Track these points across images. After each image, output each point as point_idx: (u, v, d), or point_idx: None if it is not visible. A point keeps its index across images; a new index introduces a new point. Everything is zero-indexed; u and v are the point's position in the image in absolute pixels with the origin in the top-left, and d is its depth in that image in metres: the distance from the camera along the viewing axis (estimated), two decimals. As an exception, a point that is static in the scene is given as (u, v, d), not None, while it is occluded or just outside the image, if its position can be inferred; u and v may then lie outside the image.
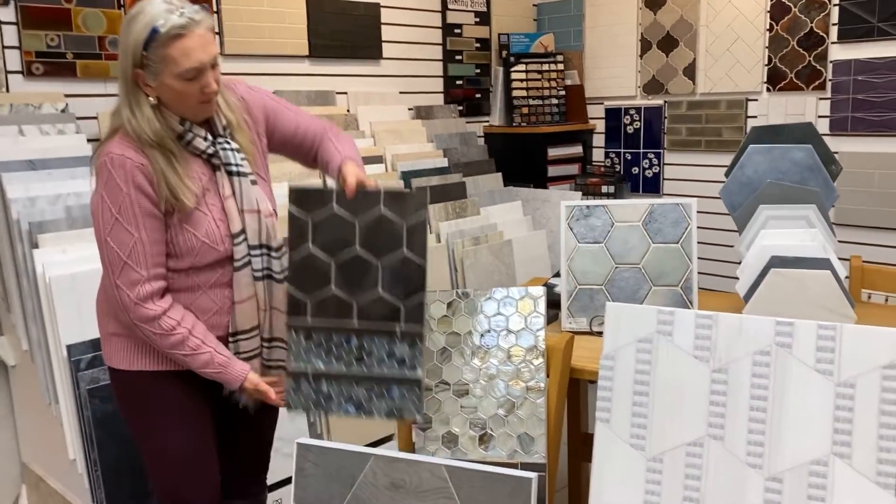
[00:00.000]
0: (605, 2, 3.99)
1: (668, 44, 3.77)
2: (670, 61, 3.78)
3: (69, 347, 2.16)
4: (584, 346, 1.80)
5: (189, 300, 1.63)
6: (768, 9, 3.42)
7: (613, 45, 3.99)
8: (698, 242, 1.93)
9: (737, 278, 1.94)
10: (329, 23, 3.31)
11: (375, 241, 1.64)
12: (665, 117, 3.84)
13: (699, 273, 1.95)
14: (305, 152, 1.84)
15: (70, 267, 2.21)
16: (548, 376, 1.69)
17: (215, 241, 1.61)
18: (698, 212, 1.92)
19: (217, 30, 2.98)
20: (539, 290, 1.74)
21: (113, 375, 1.70)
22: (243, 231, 1.64)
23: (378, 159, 3.27)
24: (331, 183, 1.75)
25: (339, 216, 1.65)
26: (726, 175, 2.09)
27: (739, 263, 1.96)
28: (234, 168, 1.63)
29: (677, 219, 1.91)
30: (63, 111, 2.56)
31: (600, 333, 1.92)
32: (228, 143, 1.64)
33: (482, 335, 1.74)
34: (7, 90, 2.49)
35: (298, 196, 1.66)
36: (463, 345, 1.75)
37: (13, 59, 2.50)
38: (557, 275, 2.43)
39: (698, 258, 1.93)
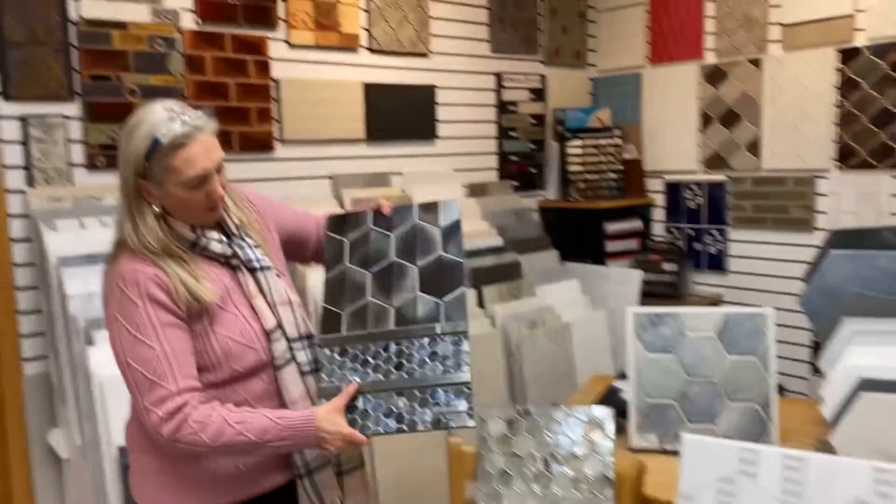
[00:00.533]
0: (664, 77, 3.93)
1: (731, 118, 3.67)
2: (733, 136, 3.67)
3: (120, 449, 2.13)
4: (656, 469, 1.68)
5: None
6: (838, 84, 3.30)
7: (673, 119, 3.91)
8: (776, 353, 1.80)
9: (808, 375, 1.81)
10: (385, 106, 3.32)
11: (411, 247, 1.64)
12: (729, 193, 3.72)
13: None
14: (306, 243, 1.79)
15: (124, 365, 2.19)
16: (617, 506, 1.58)
17: (251, 340, 1.53)
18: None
19: (277, 117, 3.00)
20: (606, 413, 1.63)
21: None
22: (279, 326, 1.57)
23: (433, 241, 3.22)
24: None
25: (376, 233, 1.67)
26: (805, 279, 1.97)
27: (816, 368, 1.82)
28: (255, 264, 1.58)
29: (753, 329, 1.80)
30: (123, 202, 2.59)
31: (673, 453, 1.80)
32: (244, 240, 1.59)
33: (545, 459, 1.64)
34: (71, 184, 2.53)
35: (335, 222, 1.70)
36: (524, 468, 1.64)
37: (77, 153, 2.55)
38: (623, 376, 2.31)
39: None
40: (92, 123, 2.55)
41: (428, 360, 1.54)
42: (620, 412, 1.93)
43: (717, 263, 3.81)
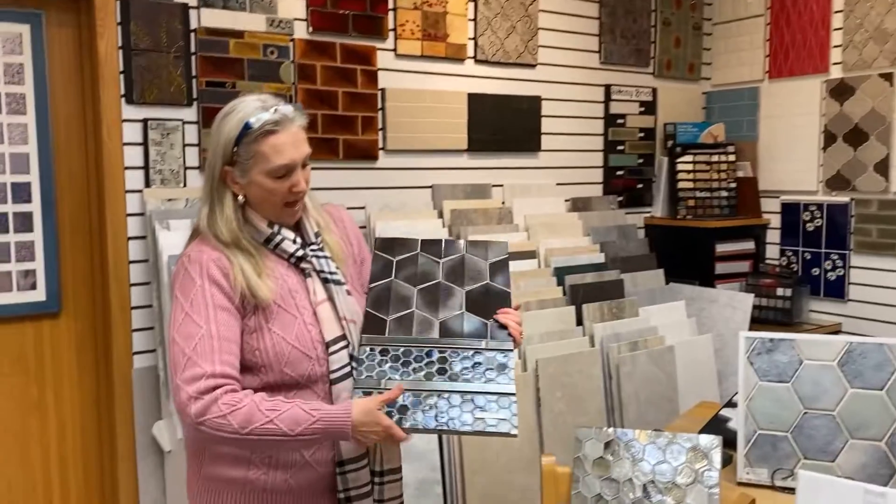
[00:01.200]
0: (784, 91, 3.72)
1: (857, 137, 3.44)
2: (858, 156, 3.43)
3: (218, 445, 2.17)
4: (766, 507, 1.55)
5: None
6: (981, 101, 3.04)
7: (792, 136, 3.70)
8: None
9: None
10: (489, 117, 3.30)
11: (459, 274, 1.66)
12: (852, 216, 3.47)
13: None
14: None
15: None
16: (721, 543, 1.47)
17: (307, 347, 1.48)
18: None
19: (381, 126, 3.03)
20: (713, 441, 1.53)
21: None
22: (344, 337, 1.53)
23: (531, 254, 3.17)
24: None
25: (424, 258, 1.68)
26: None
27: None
28: (328, 276, 1.56)
29: (881, 361, 1.64)
30: (232, 205, 2.67)
31: (785, 489, 1.67)
32: (322, 250, 1.58)
33: (644, 486, 1.55)
34: (184, 185, 2.63)
35: (384, 244, 1.70)
36: (622, 495, 1.56)
37: (192, 156, 2.64)
38: (730, 404, 2.18)
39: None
40: (206, 128, 2.65)
41: (471, 368, 1.52)
42: (728, 443, 1.81)
43: (836, 290, 3.56)
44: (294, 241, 1.55)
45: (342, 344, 1.53)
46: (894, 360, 1.64)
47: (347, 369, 1.52)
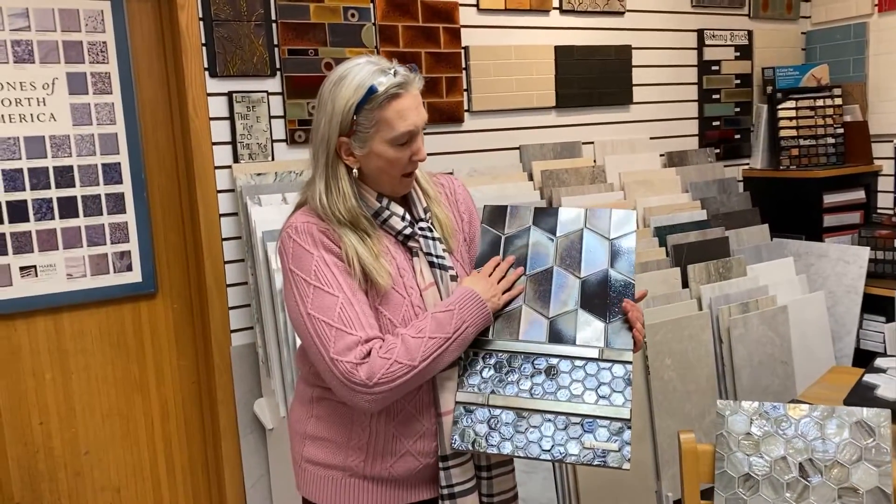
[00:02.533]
0: (895, 24, 3.42)
1: (985, 69, 3.13)
2: None
3: (325, 424, 2.12)
4: (940, 485, 1.40)
5: (388, 418, 1.41)
6: None
7: (907, 73, 3.40)
8: None
9: None
10: (577, 71, 3.12)
11: (575, 256, 1.46)
12: (979, 157, 3.18)
13: None
14: None
15: (327, 339, 2.18)
16: (896, 527, 1.33)
17: None
18: None
19: (465, 86, 2.89)
20: (881, 415, 1.38)
21: None
22: None
23: (629, 214, 3.00)
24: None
25: (536, 232, 1.49)
26: None
27: None
28: (435, 260, 1.46)
29: None
30: (321, 177, 2.59)
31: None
32: (431, 230, 1.47)
33: (801, 465, 1.41)
34: (272, 158, 2.56)
35: (492, 213, 1.53)
36: (774, 474, 1.42)
37: (278, 128, 2.57)
38: (874, 368, 2.00)
39: None
40: (291, 99, 2.56)
41: (582, 383, 1.36)
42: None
43: (961, 239, 3.28)
44: (403, 218, 1.45)
45: None
46: None
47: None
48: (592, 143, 3.22)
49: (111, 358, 2.54)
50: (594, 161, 3.20)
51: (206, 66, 2.44)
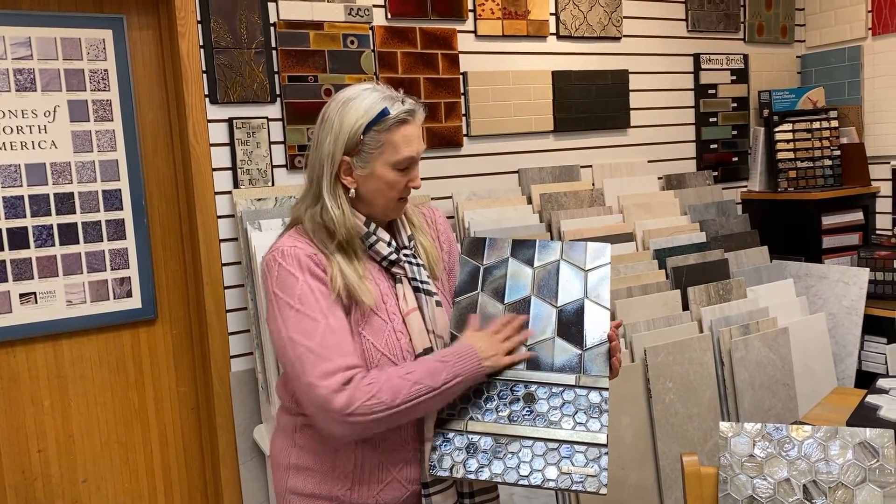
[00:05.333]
0: (889, 47, 3.45)
1: (979, 91, 3.15)
2: (982, 111, 3.15)
3: (325, 450, 2.11)
4: (945, 507, 1.38)
5: (374, 446, 1.41)
6: None
7: (902, 95, 3.42)
8: None
9: None
10: (575, 95, 3.14)
11: (552, 285, 1.48)
12: (976, 178, 3.20)
13: None
14: None
15: (327, 364, 2.18)
16: (902, 549, 1.31)
17: (395, 356, 1.40)
18: None
19: (464, 111, 2.91)
20: (884, 435, 1.37)
21: None
22: (432, 350, 1.43)
23: (628, 237, 3.01)
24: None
25: (514, 263, 1.52)
26: None
27: None
28: (420, 285, 1.47)
29: None
30: (320, 202, 2.60)
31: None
32: (415, 257, 1.49)
33: (805, 487, 1.40)
34: (272, 184, 2.57)
35: (472, 245, 1.55)
36: (778, 496, 1.41)
37: (278, 154, 2.58)
38: (876, 389, 2.00)
39: None
40: (291, 125, 2.58)
41: (559, 409, 1.37)
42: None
43: (960, 260, 3.28)
44: (389, 244, 1.46)
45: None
46: None
47: None
48: (591, 166, 3.24)
49: (110, 385, 2.53)
50: (593, 184, 3.21)
51: (206, 92, 2.46)
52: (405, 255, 1.48)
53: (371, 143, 1.38)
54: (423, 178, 2.81)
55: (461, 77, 2.89)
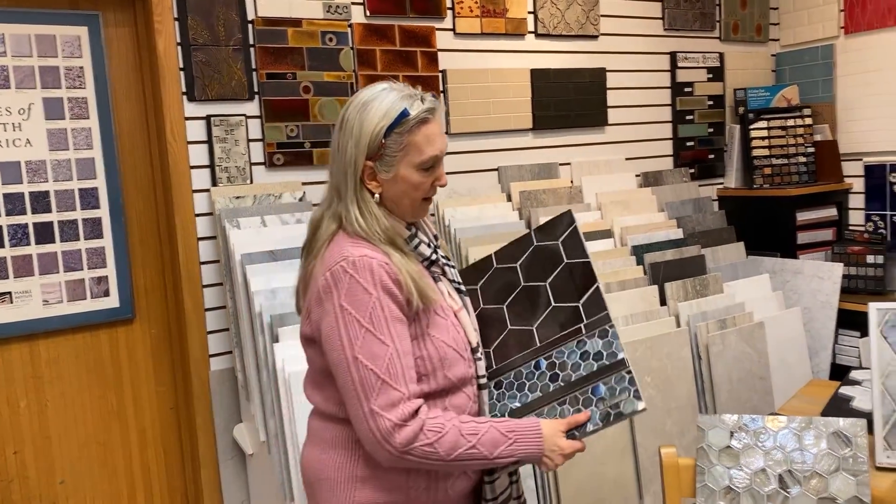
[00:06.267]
0: (861, 45, 3.51)
1: (948, 89, 3.21)
2: (951, 109, 3.21)
3: (306, 447, 2.11)
4: (916, 494, 1.41)
5: None
6: None
7: (873, 93, 3.48)
8: None
9: None
10: (553, 93, 3.16)
11: (537, 269, 1.59)
12: (946, 174, 3.26)
13: None
14: None
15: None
16: (874, 536, 1.34)
17: (462, 348, 1.42)
18: None
19: (444, 110, 2.92)
20: (857, 424, 1.39)
21: None
22: (479, 346, 1.48)
23: (606, 234, 3.03)
24: None
25: (501, 270, 1.62)
26: None
27: None
28: (458, 285, 1.51)
29: None
30: (301, 199, 2.60)
31: (935, 475, 1.53)
32: (446, 257, 1.50)
33: (780, 476, 1.42)
34: (251, 181, 2.56)
35: (465, 275, 1.64)
36: (754, 486, 1.44)
37: (256, 152, 2.57)
38: (849, 381, 2.03)
39: None
40: (269, 122, 2.57)
41: (580, 360, 1.47)
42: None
43: (931, 255, 3.35)
44: (428, 245, 1.46)
45: (479, 354, 1.48)
46: None
47: (486, 378, 1.49)
48: (570, 164, 3.26)
49: (88, 385, 2.51)
50: (571, 182, 3.23)
51: (184, 90, 2.45)
52: (441, 256, 1.49)
53: (393, 146, 1.34)
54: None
55: (440, 75, 2.90)
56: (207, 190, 2.50)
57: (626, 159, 3.41)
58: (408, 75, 2.81)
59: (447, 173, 2.89)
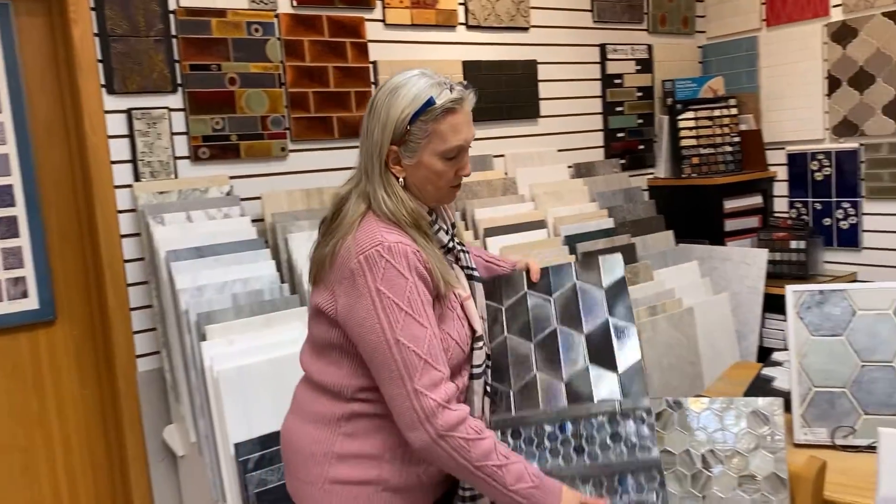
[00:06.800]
0: (783, 38, 3.62)
1: (862, 80, 3.34)
2: (865, 99, 3.34)
3: (237, 446, 2.06)
4: (831, 467, 1.46)
5: None
6: None
7: (794, 84, 3.60)
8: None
9: None
10: (485, 85, 3.17)
11: (574, 312, 1.47)
12: (862, 161, 3.39)
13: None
14: None
15: (237, 359, 2.13)
16: (792, 511, 1.38)
17: (463, 342, 1.42)
18: None
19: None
20: (774, 403, 1.43)
21: None
22: (482, 336, 1.46)
23: (539, 224, 3.06)
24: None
25: (533, 297, 1.51)
26: None
27: None
28: (473, 273, 1.49)
29: (940, 306, 1.55)
30: (228, 194, 2.54)
31: (846, 448, 1.59)
32: (461, 243, 1.49)
33: (703, 456, 1.46)
34: (175, 176, 2.49)
35: (487, 287, 1.53)
36: (679, 467, 1.46)
37: (181, 145, 2.51)
38: (771, 363, 2.09)
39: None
40: (194, 115, 2.50)
41: (610, 441, 1.37)
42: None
43: (849, 239, 3.48)
44: (447, 232, 1.45)
45: (481, 343, 1.45)
46: (954, 303, 1.55)
47: (484, 367, 1.45)
48: (503, 155, 3.27)
49: (7, 390, 2.40)
50: (505, 173, 3.25)
51: (103, 82, 2.36)
52: (458, 243, 1.48)
53: (418, 133, 1.34)
54: (336, 169, 2.80)
55: (371, 66, 2.87)
56: (130, 185, 2.42)
57: (559, 150, 3.44)
58: (338, 66, 2.78)
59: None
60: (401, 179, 1.39)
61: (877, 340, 1.58)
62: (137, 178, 2.42)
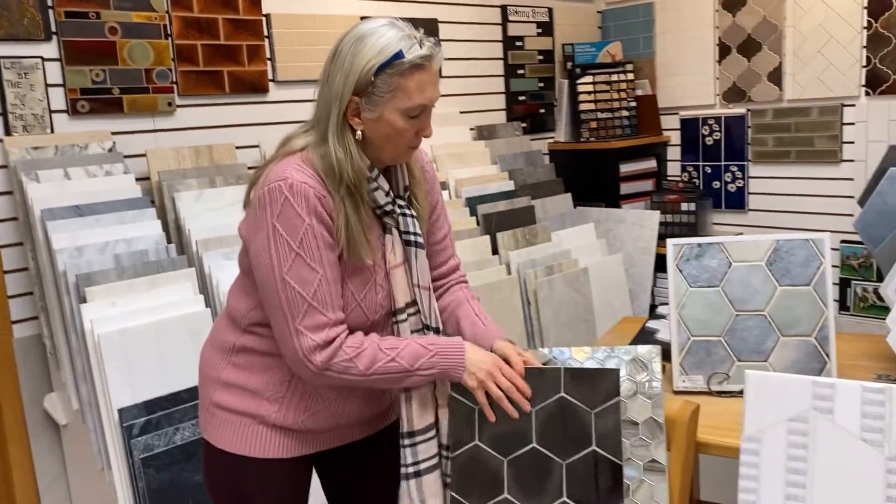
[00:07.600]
0: (677, 5, 3.71)
1: (750, 47, 3.47)
2: (753, 66, 3.47)
3: (121, 412, 1.99)
4: (706, 412, 1.53)
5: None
6: (866, 4, 3.10)
7: (688, 50, 3.70)
8: (832, 283, 1.64)
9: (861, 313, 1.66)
10: (385, 42, 3.11)
11: (556, 432, 1.36)
12: (749, 127, 3.53)
13: (833, 318, 1.67)
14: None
15: (119, 322, 2.04)
16: (668, 451, 1.44)
17: (370, 308, 1.39)
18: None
19: (269, 55, 2.80)
20: (652, 351, 1.48)
21: (210, 452, 1.45)
22: (414, 303, 1.43)
23: (441, 186, 3.05)
24: None
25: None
26: (860, 203, 1.80)
27: (844, 307, 1.67)
28: (412, 238, 1.42)
29: (807, 257, 1.64)
30: (111, 150, 2.41)
31: (721, 394, 1.66)
32: (409, 209, 1.43)
33: (586, 404, 1.49)
34: (52, 131, 2.34)
35: (460, 387, 1.40)
36: (564, 415, 1.49)
37: (57, 98, 2.35)
38: (655, 316, 2.17)
39: (832, 301, 1.65)
40: (70, 66, 2.35)
41: None
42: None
43: (736, 201, 3.64)
44: (387, 194, 1.38)
45: (412, 310, 1.43)
46: (820, 254, 1.63)
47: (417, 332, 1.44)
48: (403, 116, 3.23)
49: None
50: (406, 134, 3.21)
51: (-35, 27, 2.18)
52: (399, 206, 1.41)
53: (382, 87, 1.28)
54: (226, 126, 2.71)
55: (264, 19, 2.77)
56: (1, 140, 2.26)
57: (461, 112, 3.43)
58: (228, 18, 2.66)
59: (276, 123, 2.82)
60: (358, 133, 1.33)
61: (750, 291, 1.65)
62: (9, 132, 2.26)
